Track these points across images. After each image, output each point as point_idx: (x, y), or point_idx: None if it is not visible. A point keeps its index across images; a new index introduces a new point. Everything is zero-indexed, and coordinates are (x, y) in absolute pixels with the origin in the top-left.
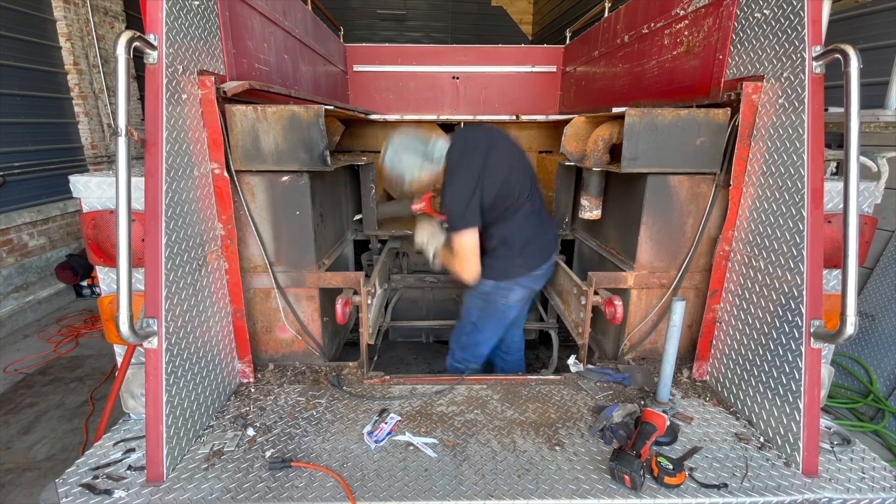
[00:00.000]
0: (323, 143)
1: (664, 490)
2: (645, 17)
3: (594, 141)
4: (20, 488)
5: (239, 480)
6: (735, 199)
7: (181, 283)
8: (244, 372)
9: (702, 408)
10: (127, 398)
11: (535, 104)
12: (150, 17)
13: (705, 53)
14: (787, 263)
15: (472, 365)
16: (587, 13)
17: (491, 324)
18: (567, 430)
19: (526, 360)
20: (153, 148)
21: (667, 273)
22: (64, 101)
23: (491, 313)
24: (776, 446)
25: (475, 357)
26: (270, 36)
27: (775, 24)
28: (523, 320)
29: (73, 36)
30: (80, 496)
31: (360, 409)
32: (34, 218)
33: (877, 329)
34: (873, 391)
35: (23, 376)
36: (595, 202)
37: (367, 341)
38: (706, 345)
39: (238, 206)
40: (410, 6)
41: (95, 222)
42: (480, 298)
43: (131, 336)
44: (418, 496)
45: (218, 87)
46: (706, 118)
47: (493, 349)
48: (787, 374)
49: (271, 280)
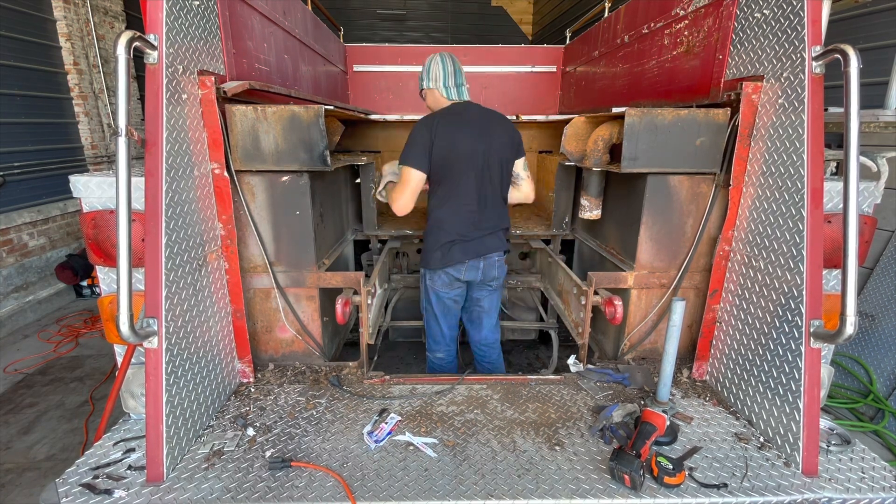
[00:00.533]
0: (323, 143)
1: (664, 490)
2: (645, 17)
3: (594, 141)
4: (20, 488)
5: (239, 480)
6: (735, 199)
7: (181, 283)
8: (244, 372)
9: (702, 408)
10: (127, 398)
11: (536, 104)
12: (150, 17)
13: (705, 53)
14: (786, 263)
15: (438, 354)
16: (587, 13)
17: (432, 308)
18: (567, 430)
19: (526, 360)
20: (153, 148)
21: (667, 273)
22: (64, 101)
23: (427, 297)
24: (776, 446)
25: (436, 345)
26: (270, 36)
27: (775, 24)
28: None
29: (73, 36)
30: (80, 496)
31: (360, 409)
32: (34, 218)
33: (877, 329)
34: (873, 391)
35: (23, 376)
36: (595, 202)
37: (367, 341)
38: (706, 345)
39: (238, 206)
40: (410, 6)
41: (95, 222)
42: (421, 283)
43: (131, 336)
44: (418, 496)
45: (218, 87)
46: (706, 118)
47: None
48: (786, 374)
49: (271, 280)
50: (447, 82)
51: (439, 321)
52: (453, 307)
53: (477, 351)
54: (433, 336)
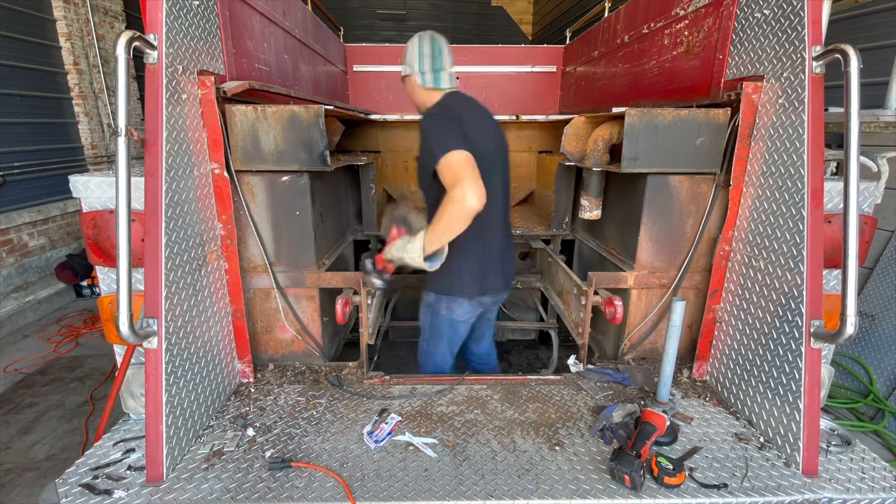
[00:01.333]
0: (323, 143)
1: (664, 490)
2: (645, 17)
3: (594, 141)
4: (20, 488)
5: (239, 480)
6: (735, 199)
7: (181, 283)
8: (244, 372)
9: (702, 408)
10: (127, 398)
11: (536, 104)
12: (150, 17)
13: (705, 53)
14: (787, 263)
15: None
16: (587, 13)
17: (440, 339)
18: (567, 430)
19: (526, 360)
20: (153, 148)
21: (667, 273)
22: (64, 101)
23: (437, 327)
24: (776, 446)
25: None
26: (270, 36)
27: (775, 24)
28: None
29: (73, 36)
30: (80, 496)
31: (360, 409)
32: (34, 218)
33: (877, 329)
34: (873, 391)
35: (23, 376)
36: (595, 202)
37: (367, 341)
38: (706, 345)
39: (238, 206)
40: (410, 6)
41: (95, 222)
42: (427, 310)
43: (131, 336)
44: (418, 496)
45: (218, 87)
46: (706, 118)
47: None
48: (787, 374)
49: (271, 280)
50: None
51: (447, 350)
52: (464, 334)
53: (476, 361)
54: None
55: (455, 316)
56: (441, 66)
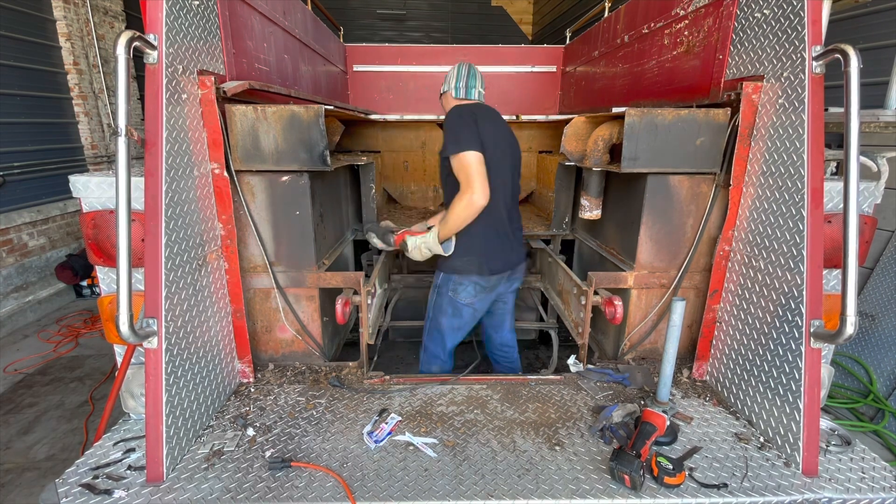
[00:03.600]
0: (323, 142)
1: (664, 490)
2: (645, 17)
3: (594, 141)
4: (20, 488)
5: (239, 480)
6: (735, 199)
7: (181, 283)
8: (244, 372)
9: (702, 408)
10: (127, 398)
11: (536, 104)
12: (150, 17)
13: (705, 53)
14: (787, 263)
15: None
16: (587, 13)
17: (444, 319)
18: (567, 430)
19: (526, 360)
20: (153, 148)
21: (667, 273)
22: (64, 101)
23: (441, 307)
24: (776, 446)
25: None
26: (270, 36)
27: (775, 24)
28: (510, 320)
29: (73, 36)
30: (80, 496)
31: (360, 409)
32: (34, 218)
33: (877, 329)
34: (873, 391)
35: (23, 376)
36: (595, 202)
37: (367, 341)
38: (706, 345)
39: (238, 206)
40: (410, 6)
41: (95, 222)
42: (434, 291)
43: (131, 336)
44: (418, 496)
45: (218, 87)
46: (706, 118)
47: (489, 348)
48: (787, 374)
49: (271, 280)
50: (458, 83)
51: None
52: (469, 320)
53: (498, 353)
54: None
55: (459, 299)
56: (473, 84)
